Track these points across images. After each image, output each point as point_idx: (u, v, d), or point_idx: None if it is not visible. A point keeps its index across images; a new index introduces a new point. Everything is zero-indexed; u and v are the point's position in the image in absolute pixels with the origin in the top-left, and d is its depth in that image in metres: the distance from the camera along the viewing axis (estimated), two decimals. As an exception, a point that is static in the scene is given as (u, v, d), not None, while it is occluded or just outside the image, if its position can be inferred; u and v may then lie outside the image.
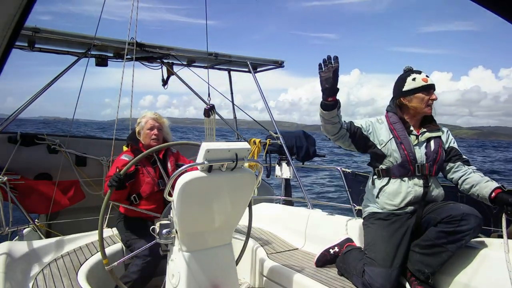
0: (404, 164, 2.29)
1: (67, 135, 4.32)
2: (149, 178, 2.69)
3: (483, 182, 2.20)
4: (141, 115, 2.94)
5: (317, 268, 2.61)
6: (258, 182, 2.33)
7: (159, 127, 2.83)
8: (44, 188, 3.80)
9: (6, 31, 0.63)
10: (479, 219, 2.06)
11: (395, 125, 2.37)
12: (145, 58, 4.56)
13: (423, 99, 2.31)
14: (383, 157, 2.35)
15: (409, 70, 2.41)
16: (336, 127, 2.26)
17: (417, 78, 2.32)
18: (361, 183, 2.94)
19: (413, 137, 2.35)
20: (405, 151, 2.29)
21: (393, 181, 2.33)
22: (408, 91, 2.33)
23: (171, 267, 2.09)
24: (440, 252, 2.11)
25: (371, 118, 2.46)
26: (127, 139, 2.95)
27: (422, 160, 2.29)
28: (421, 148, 2.32)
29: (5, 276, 2.17)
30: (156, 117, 2.86)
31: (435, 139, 2.35)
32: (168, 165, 2.81)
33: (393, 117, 2.40)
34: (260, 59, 5.32)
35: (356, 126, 2.37)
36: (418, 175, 2.29)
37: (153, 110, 14.17)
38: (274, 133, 4.90)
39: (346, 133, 2.33)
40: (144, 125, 2.82)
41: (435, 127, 2.37)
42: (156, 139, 2.78)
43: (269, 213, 3.58)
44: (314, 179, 12.02)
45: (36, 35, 3.66)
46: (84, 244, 2.83)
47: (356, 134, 2.36)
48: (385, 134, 2.36)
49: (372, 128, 2.38)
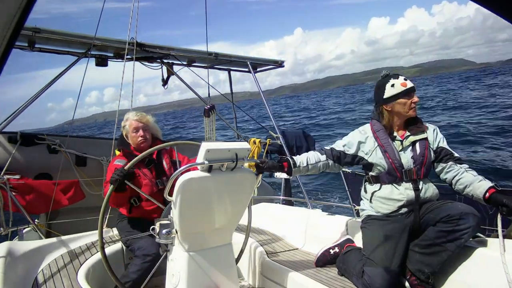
0: (391, 172, 2.29)
1: (67, 135, 4.32)
2: (146, 180, 2.66)
3: (477, 182, 2.18)
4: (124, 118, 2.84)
5: (317, 268, 2.61)
6: (258, 182, 2.34)
7: (144, 127, 2.75)
8: (44, 188, 3.79)
9: (6, 31, 0.62)
10: (478, 217, 2.06)
11: (378, 133, 2.36)
12: (145, 58, 4.56)
13: (405, 103, 2.28)
14: (371, 165, 2.35)
15: (386, 76, 2.37)
16: (316, 169, 2.42)
17: (396, 84, 2.29)
18: (361, 183, 2.93)
19: (397, 142, 2.33)
20: (390, 159, 2.28)
21: (384, 186, 2.33)
22: (389, 98, 2.30)
23: (171, 267, 2.09)
24: (440, 252, 2.12)
25: (353, 132, 2.46)
26: (118, 144, 2.89)
27: (409, 165, 2.28)
28: (406, 152, 2.30)
29: (5, 276, 2.17)
30: (138, 117, 2.77)
31: (420, 141, 2.31)
32: (164, 163, 2.79)
33: (377, 125, 2.40)
34: (260, 59, 5.33)
35: (338, 150, 2.41)
36: (406, 179, 2.28)
37: (101, 105, 13.93)
38: (274, 133, 4.90)
39: (330, 163, 2.42)
40: (129, 128, 2.75)
41: (419, 129, 2.34)
42: (143, 140, 2.73)
43: (269, 213, 3.58)
44: (314, 179, 12.01)
45: (36, 35, 3.66)
46: (84, 244, 2.83)
47: (340, 158, 2.41)
48: (370, 144, 2.36)
49: (356, 142, 2.39)
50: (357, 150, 2.39)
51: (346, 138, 2.45)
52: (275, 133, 4.87)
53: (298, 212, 3.42)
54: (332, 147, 2.45)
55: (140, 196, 2.65)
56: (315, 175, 14.65)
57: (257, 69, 5.50)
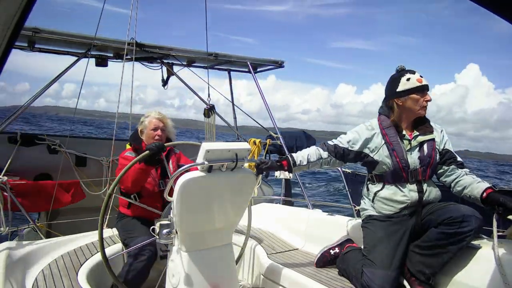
0: (397, 171, 2.25)
1: (67, 135, 4.32)
2: (150, 178, 2.67)
3: (475, 183, 2.17)
4: (145, 114, 2.89)
5: (317, 268, 2.61)
6: (258, 182, 2.34)
7: (162, 128, 2.78)
8: (44, 188, 3.80)
9: (6, 31, 0.63)
10: (480, 220, 2.05)
11: (387, 130, 2.30)
12: (145, 58, 4.56)
13: (417, 100, 2.23)
14: (376, 163, 2.29)
15: (402, 70, 2.31)
16: (317, 166, 2.37)
17: (412, 78, 2.24)
18: (361, 183, 2.94)
19: (405, 142, 2.27)
20: (397, 158, 2.23)
21: (388, 186, 2.29)
22: (403, 91, 2.24)
23: (171, 267, 2.09)
24: (441, 253, 2.11)
25: (360, 126, 2.38)
26: (130, 139, 2.92)
27: (415, 165, 2.23)
28: (413, 153, 2.25)
29: (5, 276, 2.17)
30: (160, 117, 2.81)
31: (428, 142, 2.27)
32: (170, 165, 2.80)
33: (386, 121, 2.33)
34: (260, 60, 5.33)
35: (341, 147, 2.33)
36: (412, 180, 2.24)
37: (60, 99, 13.79)
38: (274, 133, 4.90)
39: (332, 160, 2.36)
40: (148, 125, 2.77)
41: (428, 129, 2.29)
42: (159, 140, 2.74)
43: (269, 213, 3.58)
44: (314, 179, 12.03)
45: (36, 35, 3.66)
46: (84, 244, 2.83)
47: (344, 155, 2.34)
48: (377, 140, 2.30)
49: (361, 139, 2.32)
50: (363, 147, 2.31)
51: (351, 134, 2.36)
52: (275, 133, 4.87)
53: (298, 212, 3.41)
54: (336, 143, 2.36)
55: (140, 193, 2.66)
56: (315, 176, 14.65)
57: (257, 69, 5.49)
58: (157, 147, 2.26)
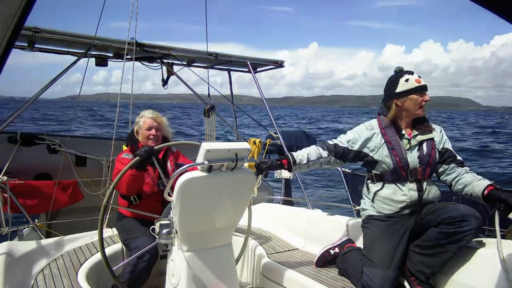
0: (396, 170, 2.26)
1: (67, 135, 4.32)
2: (148, 179, 2.66)
3: (476, 181, 2.18)
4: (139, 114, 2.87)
5: (317, 268, 2.61)
6: (258, 182, 2.34)
7: (157, 127, 2.77)
8: (44, 188, 3.79)
9: (6, 31, 0.63)
10: (480, 219, 2.06)
11: (386, 130, 2.32)
12: (145, 58, 4.56)
13: (416, 100, 2.25)
14: (376, 162, 2.31)
15: (400, 71, 2.35)
16: (317, 165, 2.40)
17: (410, 79, 2.27)
18: (361, 183, 2.95)
19: (405, 141, 2.29)
20: (397, 158, 2.25)
21: (387, 185, 2.30)
22: (402, 92, 2.27)
23: (171, 267, 2.09)
24: (441, 253, 2.11)
25: (359, 127, 2.40)
26: (126, 139, 2.91)
27: (414, 164, 2.25)
28: (413, 152, 2.27)
29: (5, 276, 2.17)
30: (154, 116, 2.79)
31: (427, 141, 2.29)
32: (168, 165, 2.79)
33: (385, 121, 2.35)
34: (260, 59, 5.32)
35: (341, 146, 2.35)
36: (411, 179, 2.26)
37: (110, 86, 13.75)
38: (274, 133, 4.90)
39: (332, 159, 2.37)
40: (142, 125, 2.76)
41: (427, 129, 2.32)
42: (154, 139, 2.74)
43: (269, 213, 3.58)
44: (314, 179, 12.02)
45: (36, 35, 3.66)
46: (84, 244, 2.83)
47: (344, 154, 2.36)
48: (376, 140, 2.32)
49: (361, 138, 2.34)
50: (362, 146, 2.33)
51: (351, 134, 2.39)
52: (275, 133, 4.87)
53: (298, 212, 3.41)
54: (336, 142, 2.38)
55: (140, 194, 2.65)
56: (315, 176, 14.65)
57: (257, 69, 5.49)
58: (147, 152, 2.21)
